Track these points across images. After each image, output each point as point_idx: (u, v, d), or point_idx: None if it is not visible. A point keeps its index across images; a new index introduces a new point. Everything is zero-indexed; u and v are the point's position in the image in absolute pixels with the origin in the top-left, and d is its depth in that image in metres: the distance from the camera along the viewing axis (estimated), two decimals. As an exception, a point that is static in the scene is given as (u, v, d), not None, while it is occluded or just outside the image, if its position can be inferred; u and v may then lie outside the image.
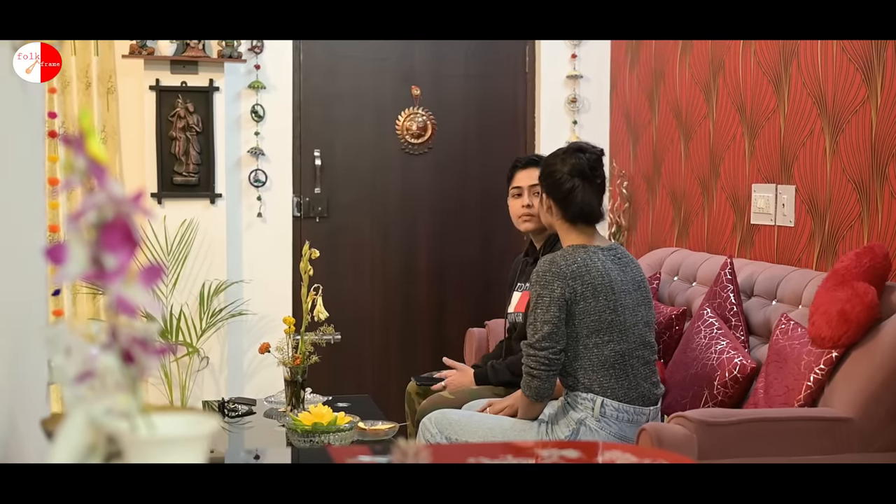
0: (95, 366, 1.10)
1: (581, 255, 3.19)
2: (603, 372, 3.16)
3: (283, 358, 3.91)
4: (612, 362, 3.16)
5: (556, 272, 3.16)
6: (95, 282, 1.06)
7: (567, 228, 3.33)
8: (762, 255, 4.14)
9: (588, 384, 3.17)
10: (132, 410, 1.09)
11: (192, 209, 5.01)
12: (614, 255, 3.28)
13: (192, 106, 4.97)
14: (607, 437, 3.14)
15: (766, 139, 4.11)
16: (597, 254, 3.22)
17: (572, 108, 5.58)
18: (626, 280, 3.24)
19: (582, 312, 3.15)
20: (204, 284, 4.95)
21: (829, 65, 3.70)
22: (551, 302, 3.14)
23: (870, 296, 3.08)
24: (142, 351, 1.07)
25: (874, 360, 3.02)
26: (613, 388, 3.16)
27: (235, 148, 5.19)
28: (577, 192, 3.26)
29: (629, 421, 3.16)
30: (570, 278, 3.14)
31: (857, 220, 3.56)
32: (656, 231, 5.11)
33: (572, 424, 3.17)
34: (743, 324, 3.70)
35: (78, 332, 1.21)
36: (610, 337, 3.16)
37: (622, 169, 5.46)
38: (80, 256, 1.05)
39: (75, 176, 1.07)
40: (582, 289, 3.14)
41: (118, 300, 1.04)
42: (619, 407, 3.15)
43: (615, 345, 3.16)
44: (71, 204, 4.65)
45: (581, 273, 3.15)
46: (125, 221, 1.05)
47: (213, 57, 4.98)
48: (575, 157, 3.29)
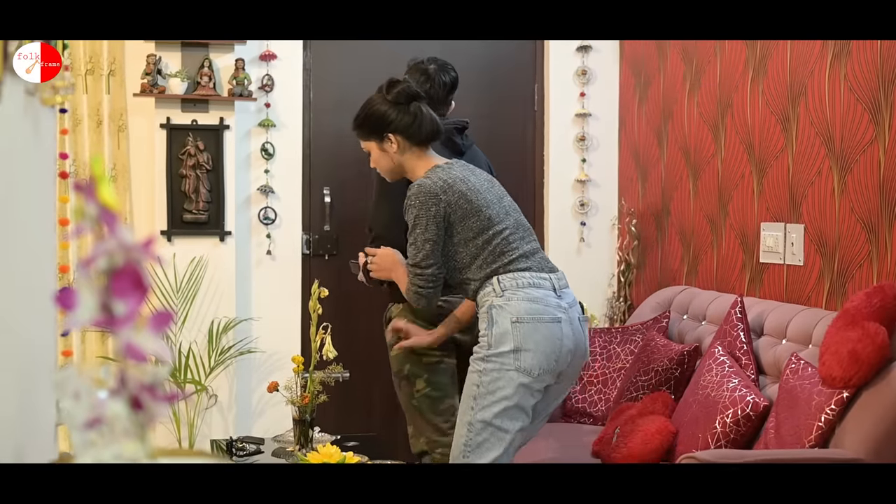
0: (104, 412, 1.10)
1: (442, 173, 3.46)
2: (490, 263, 3.40)
3: (292, 397, 3.91)
4: (501, 250, 3.41)
5: (427, 193, 3.40)
6: (105, 328, 1.06)
7: (418, 155, 3.57)
8: (771, 293, 4.14)
9: (483, 278, 3.41)
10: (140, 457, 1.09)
11: (201, 247, 5.02)
12: (462, 164, 3.58)
13: (203, 144, 5.00)
14: (517, 306, 3.32)
15: (775, 178, 4.12)
16: (452, 167, 3.51)
17: (581, 146, 5.59)
18: (481, 181, 3.52)
19: (460, 222, 3.41)
20: (213, 322, 4.95)
21: (837, 104, 3.71)
22: (429, 221, 3.39)
23: (881, 336, 3.07)
24: (150, 398, 1.07)
25: (885, 401, 3.00)
26: (504, 266, 3.40)
27: (245, 186, 5.21)
28: (419, 116, 3.53)
29: (531, 285, 3.37)
30: (441, 194, 3.40)
31: (867, 260, 3.56)
32: (665, 269, 5.11)
33: (486, 318, 3.37)
34: (753, 363, 3.69)
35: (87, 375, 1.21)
36: (494, 230, 3.42)
37: (631, 207, 5.46)
38: (90, 302, 1.05)
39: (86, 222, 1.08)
40: (455, 200, 3.40)
41: (127, 347, 1.05)
42: (515, 275, 3.38)
43: (500, 235, 3.42)
44: (82, 245, 4.66)
45: (448, 187, 3.41)
46: (135, 268, 1.05)
47: (223, 95, 5.01)
48: (396, 89, 3.55)
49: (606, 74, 5.64)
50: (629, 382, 4.15)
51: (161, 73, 4.95)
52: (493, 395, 3.31)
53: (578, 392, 4.38)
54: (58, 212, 2.26)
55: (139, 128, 5.03)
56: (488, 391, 3.32)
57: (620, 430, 3.78)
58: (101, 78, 4.96)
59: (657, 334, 4.26)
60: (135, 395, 1.08)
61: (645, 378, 4.05)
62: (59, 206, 2.29)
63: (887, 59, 3.44)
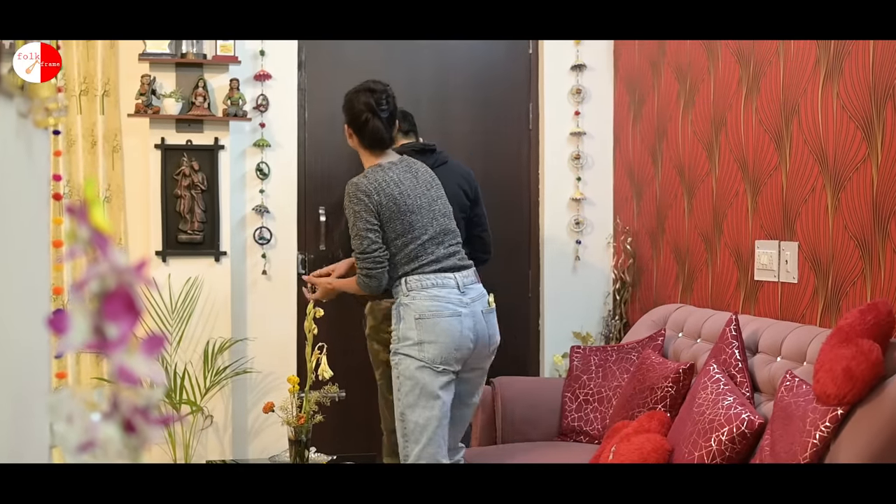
0: (97, 435, 1.10)
1: (378, 174, 3.87)
2: (404, 265, 3.84)
3: (288, 417, 3.90)
4: (415, 255, 3.84)
5: (362, 190, 3.84)
6: (98, 351, 1.06)
7: (365, 153, 4.01)
8: (766, 311, 4.14)
9: (396, 277, 3.85)
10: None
11: (196, 267, 5.02)
12: (406, 166, 3.96)
13: (197, 164, 5.00)
14: (420, 304, 3.77)
15: (769, 196, 4.13)
16: (391, 168, 3.91)
17: (576, 165, 5.61)
18: (419, 184, 3.92)
19: (387, 223, 3.83)
20: (208, 342, 4.95)
21: (830, 122, 3.72)
22: (366, 212, 3.81)
23: (875, 353, 3.07)
24: (143, 421, 1.07)
25: (879, 418, 3.00)
26: (413, 269, 3.83)
27: (240, 206, 5.21)
28: (368, 123, 3.92)
29: (434, 285, 3.81)
30: (373, 194, 3.82)
31: (860, 277, 3.56)
32: (661, 287, 5.11)
33: (395, 314, 3.84)
34: (748, 380, 3.69)
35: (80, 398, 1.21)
36: (412, 235, 3.84)
37: (626, 225, 5.47)
38: (83, 326, 1.05)
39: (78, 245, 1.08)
40: (385, 201, 3.82)
41: (120, 370, 1.05)
42: (421, 277, 3.82)
43: (419, 239, 3.85)
44: (76, 267, 4.65)
45: (380, 188, 3.82)
46: (127, 291, 1.05)
47: (218, 115, 5.02)
48: (365, 96, 3.95)
49: (601, 93, 5.66)
50: (625, 400, 4.15)
51: (155, 93, 4.96)
52: (405, 385, 3.76)
53: (575, 410, 4.38)
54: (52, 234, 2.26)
55: (134, 148, 5.04)
56: (401, 383, 3.77)
57: (616, 448, 3.78)
58: (96, 98, 4.96)
59: (653, 352, 4.26)
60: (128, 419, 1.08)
61: (640, 396, 4.05)
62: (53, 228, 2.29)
63: (879, 78, 3.45)
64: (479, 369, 3.95)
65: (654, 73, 5.17)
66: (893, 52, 3.39)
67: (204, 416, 4.93)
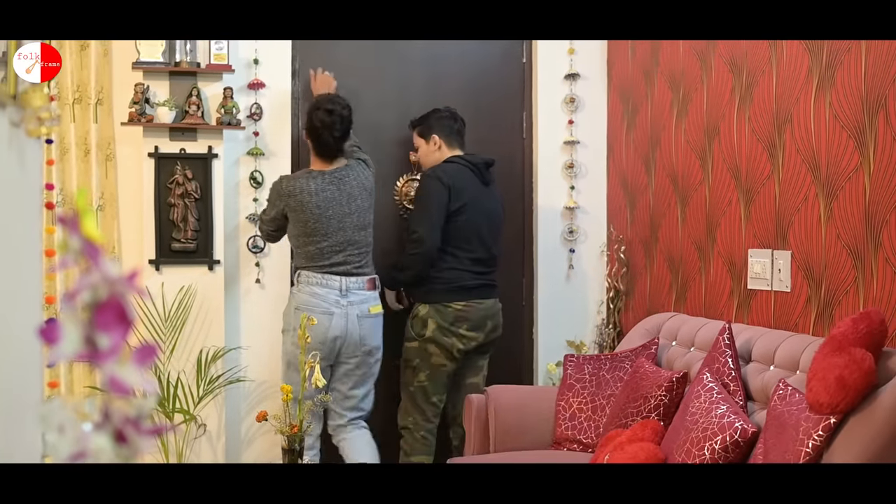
0: (88, 445, 1.09)
1: (300, 181, 4.64)
2: (305, 259, 4.63)
3: (281, 426, 3.89)
4: (312, 256, 4.60)
5: (278, 191, 4.69)
6: (89, 361, 1.06)
7: (313, 156, 4.78)
8: (759, 319, 4.15)
9: (295, 268, 4.74)
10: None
11: (190, 275, 5.01)
12: (336, 178, 4.66)
13: (191, 173, 5.00)
14: (301, 297, 4.59)
15: (762, 204, 4.13)
16: (316, 178, 4.64)
17: (570, 174, 5.62)
18: (340, 196, 4.62)
19: (293, 220, 4.64)
20: (202, 351, 4.94)
21: (822, 131, 3.73)
22: (276, 209, 4.69)
23: (867, 362, 3.07)
24: (135, 431, 1.07)
25: (872, 427, 3.01)
26: (307, 267, 4.62)
27: (234, 214, 5.21)
28: (321, 137, 4.65)
29: (318, 284, 4.58)
30: (285, 196, 4.64)
31: (853, 286, 3.57)
32: (654, 295, 5.12)
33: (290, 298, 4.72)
34: (741, 389, 3.69)
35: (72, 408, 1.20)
36: (315, 238, 4.59)
37: (620, 233, 5.48)
38: (74, 336, 1.05)
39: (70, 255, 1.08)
40: (294, 204, 4.61)
41: (111, 380, 1.05)
42: (310, 274, 4.59)
43: (318, 244, 4.59)
44: (69, 276, 4.64)
45: (293, 193, 4.61)
46: (119, 301, 1.05)
47: (211, 124, 5.02)
48: (324, 114, 4.62)
49: (594, 102, 5.67)
50: (618, 409, 4.15)
51: (149, 101, 4.96)
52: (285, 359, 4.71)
53: (568, 419, 4.38)
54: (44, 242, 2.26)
55: (127, 157, 5.03)
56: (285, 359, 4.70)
57: (610, 456, 3.78)
58: (89, 107, 4.96)
59: (646, 361, 4.27)
60: (119, 429, 1.08)
61: (634, 405, 4.05)
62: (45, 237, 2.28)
63: (871, 87, 3.46)
64: (348, 364, 4.67)
65: (648, 83, 5.18)
66: (885, 61, 3.40)
67: (197, 424, 4.92)
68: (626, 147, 5.44)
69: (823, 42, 3.73)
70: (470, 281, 4.81)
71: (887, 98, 3.39)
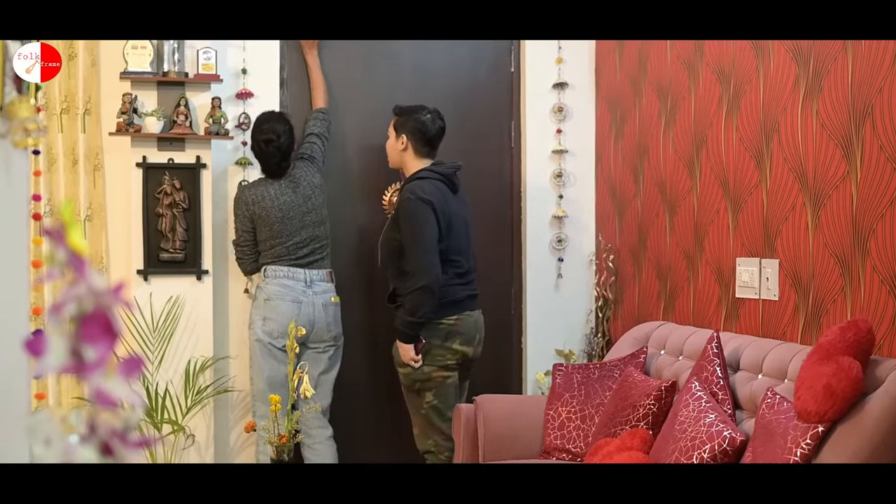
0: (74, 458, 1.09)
1: (260, 188, 4.98)
2: (272, 257, 4.96)
3: (269, 437, 3.89)
4: (279, 253, 4.94)
5: (242, 200, 4.99)
6: (75, 374, 1.06)
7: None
8: (748, 328, 4.15)
9: (263, 264, 4.99)
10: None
11: (178, 286, 5.00)
12: (289, 181, 5.01)
13: (179, 183, 4.99)
14: (270, 289, 4.90)
15: (749, 213, 4.14)
16: (273, 185, 4.97)
17: (558, 183, 5.62)
18: (296, 198, 4.97)
19: (259, 225, 4.95)
20: (190, 361, 4.93)
21: (810, 140, 3.75)
22: (242, 218, 4.99)
23: (855, 370, 3.08)
24: (121, 444, 1.07)
25: (860, 435, 3.01)
26: (274, 262, 4.95)
27: (222, 224, 5.20)
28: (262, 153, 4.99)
29: (285, 276, 4.91)
30: (250, 203, 4.95)
31: (841, 294, 3.58)
32: (643, 304, 5.12)
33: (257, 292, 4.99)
34: (729, 398, 3.70)
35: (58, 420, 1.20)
36: (281, 239, 4.93)
37: (608, 242, 5.48)
38: (60, 349, 1.05)
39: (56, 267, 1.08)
40: (259, 210, 4.93)
41: (97, 393, 1.04)
42: (277, 268, 4.92)
43: (285, 244, 4.93)
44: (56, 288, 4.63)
45: (257, 201, 4.94)
46: (105, 314, 1.05)
47: (199, 134, 5.01)
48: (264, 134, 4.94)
49: (582, 111, 5.68)
50: (607, 418, 4.15)
51: (137, 111, 4.95)
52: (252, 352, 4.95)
53: (557, 428, 4.38)
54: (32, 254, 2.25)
55: (115, 167, 5.02)
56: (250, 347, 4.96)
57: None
58: (77, 117, 4.95)
59: (635, 370, 4.27)
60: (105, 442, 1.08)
61: (623, 414, 4.05)
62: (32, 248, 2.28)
63: (858, 96, 3.48)
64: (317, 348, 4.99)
65: (636, 92, 5.19)
66: (872, 70, 3.41)
67: (185, 435, 4.91)
68: (614, 156, 5.45)
69: (810, 51, 3.75)
70: (459, 294, 4.73)
71: (874, 107, 3.40)
